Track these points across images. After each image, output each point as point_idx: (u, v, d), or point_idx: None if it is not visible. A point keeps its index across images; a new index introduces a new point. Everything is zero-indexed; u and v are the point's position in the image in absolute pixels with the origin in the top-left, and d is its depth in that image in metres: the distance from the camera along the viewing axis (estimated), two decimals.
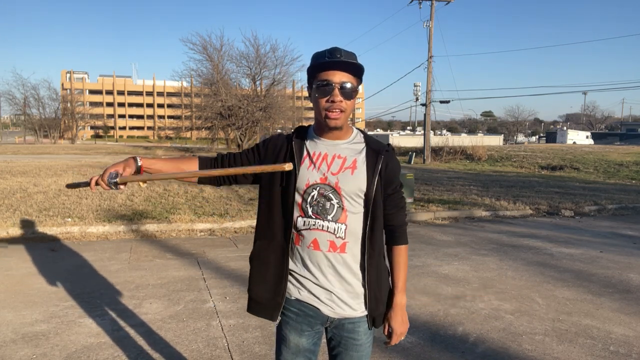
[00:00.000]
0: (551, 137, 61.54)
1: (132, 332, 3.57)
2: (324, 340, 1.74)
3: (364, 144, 1.63)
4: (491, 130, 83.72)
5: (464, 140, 31.69)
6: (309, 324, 1.63)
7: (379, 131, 67.14)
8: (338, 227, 1.56)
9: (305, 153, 1.60)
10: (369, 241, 1.60)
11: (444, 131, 68.38)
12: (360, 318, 1.65)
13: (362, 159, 1.60)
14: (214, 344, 3.38)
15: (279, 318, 1.66)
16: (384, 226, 1.66)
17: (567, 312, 4.07)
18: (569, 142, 51.52)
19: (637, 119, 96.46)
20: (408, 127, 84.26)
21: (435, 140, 29.96)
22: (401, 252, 1.68)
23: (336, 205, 1.56)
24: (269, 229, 1.63)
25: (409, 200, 9.17)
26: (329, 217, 1.56)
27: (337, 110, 1.51)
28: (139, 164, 1.58)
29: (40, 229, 6.59)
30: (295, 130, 1.69)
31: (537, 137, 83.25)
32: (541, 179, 15.75)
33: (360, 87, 1.61)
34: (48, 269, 5.10)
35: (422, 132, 29.08)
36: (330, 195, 1.56)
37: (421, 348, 3.36)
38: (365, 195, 1.58)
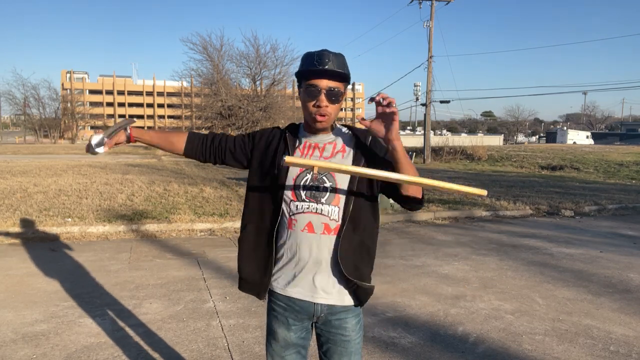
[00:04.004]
0: (551, 137, 61.51)
1: (132, 332, 3.57)
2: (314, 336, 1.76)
3: (350, 132, 1.72)
4: (491, 130, 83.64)
5: (464, 140, 31.69)
6: (296, 318, 1.67)
7: None
8: (332, 210, 1.60)
9: (298, 143, 1.69)
10: (351, 218, 1.61)
11: (444, 131, 68.36)
12: (347, 311, 1.66)
13: (351, 144, 1.67)
14: (214, 344, 3.38)
15: (266, 297, 1.73)
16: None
17: (567, 312, 4.07)
18: (569, 142, 51.51)
19: (637, 119, 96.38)
20: (408, 127, 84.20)
21: (436, 140, 29.95)
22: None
23: (329, 188, 1.61)
24: (259, 214, 1.69)
25: None
26: (323, 200, 1.61)
27: (322, 115, 1.60)
28: (128, 132, 1.69)
29: (40, 229, 6.59)
30: (288, 126, 1.76)
31: (537, 137, 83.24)
32: (541, 179, 15.75)
33: (349, 87, 1.69)
34: (48, 269, 5.10)
35: (422, 132, 29.07)
36: (324, 178, 1.61)
37: (421, 348, 3.36)
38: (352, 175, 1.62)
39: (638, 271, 5.34)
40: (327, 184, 1.60)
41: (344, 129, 1.72)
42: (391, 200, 1.75)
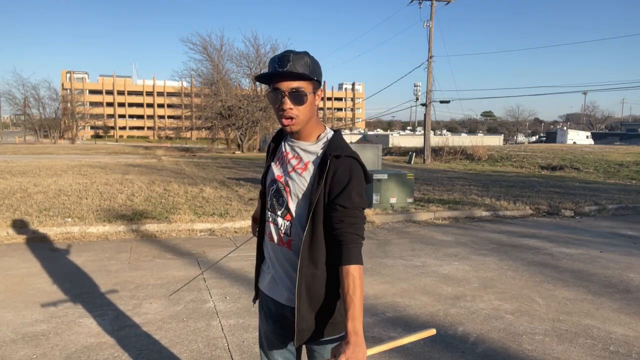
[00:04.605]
0: (551, 137, 61.45)
1: (132, 332, 3.57)
2: None
3: (323, 149, 1.61)
4: (491, 130, 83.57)
5: (464, 140, 31.72)
6: (271, 314, 1.77)
7: (379, 131, 66.97)
8: (284, 224, 1.65)
9: (277, 151, 1.76)
10: (308, 247, 1.56)
11: (444, 131, 68.22)
12: None
13: (314, 162, 1.60)
14: (214, 344, 3.38)
15: (258, 301, 1.88)
16: (332, 242, 1.55)
17: (567, 312, 4.07)
18: (569, 142, 51.46)
19: (637, 119, 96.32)
20: (408, 127, 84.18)
21: (435, 140, 29.96)
22: (347, 273, 1.48)
23: (284, 203, 1.65)
24: (260, 221, 1.83)
25: (409, 200, 9.17)
26: (279, 213, 1.67)
27: (288, 118, 1.56)
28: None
29: (40, 229, 6.59)
30: (279, 130, 1.82)
31: (537, 137, 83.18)
32: (541, 179, 15.75)
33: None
34: (48, 269, 5.10)
35: (422, 132, 29.07)
36: (282, 192, 1.65)
37: (421, 348, 3.36)
38: (310, 198, 1.57)
39: (638, 271, 5.34)
40: (283, 198, 1.65)
41: (323, 144, 1.62)
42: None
